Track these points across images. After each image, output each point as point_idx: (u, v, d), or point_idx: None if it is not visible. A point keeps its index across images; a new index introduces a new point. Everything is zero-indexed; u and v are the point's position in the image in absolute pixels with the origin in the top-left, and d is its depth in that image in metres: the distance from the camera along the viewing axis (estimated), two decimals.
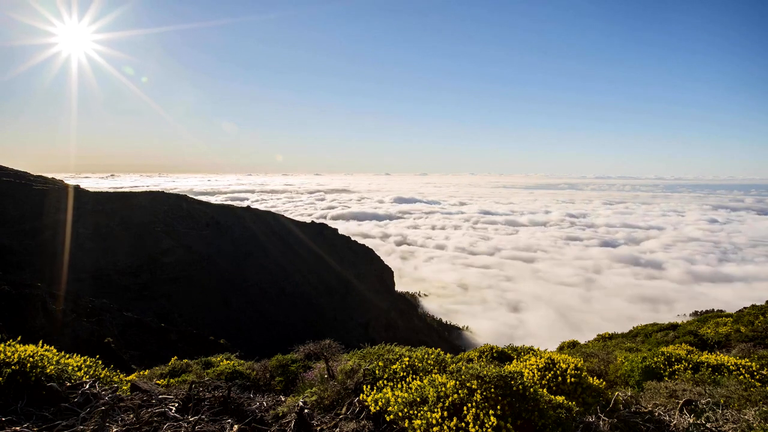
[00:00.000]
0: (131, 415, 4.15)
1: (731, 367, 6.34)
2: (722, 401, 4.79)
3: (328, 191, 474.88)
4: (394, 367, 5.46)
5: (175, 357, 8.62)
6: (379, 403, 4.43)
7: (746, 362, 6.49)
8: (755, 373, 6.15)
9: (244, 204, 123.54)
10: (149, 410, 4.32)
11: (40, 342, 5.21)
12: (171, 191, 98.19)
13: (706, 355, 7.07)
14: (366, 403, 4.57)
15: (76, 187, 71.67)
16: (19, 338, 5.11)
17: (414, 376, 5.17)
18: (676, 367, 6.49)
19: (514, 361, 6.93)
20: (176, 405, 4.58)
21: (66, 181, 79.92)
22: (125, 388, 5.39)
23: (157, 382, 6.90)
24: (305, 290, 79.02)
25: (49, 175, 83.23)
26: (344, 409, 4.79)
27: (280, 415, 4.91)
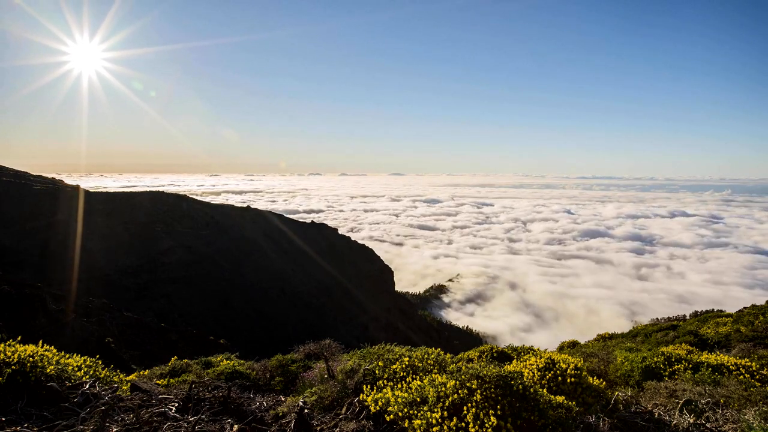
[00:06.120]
0: (131, 415, 4.15)
1: (731, 367, 6.34)
2: (722, 401, 4.79)
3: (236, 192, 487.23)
4: (394, 367, 5.46)
5: (175, 357, 8.60)
6: (379, 403, 4.42)
7: (746, 362, 6.49)
8: (755, 373, 6.15)
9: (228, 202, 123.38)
10: (149, 410, 4.32)
11: (40, 342, 5.21)
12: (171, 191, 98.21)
13: (706, 355, 7.07)
14: (366, 403, 4.56)
15: (76, 188, 71.64)
16: (19, 338, 5.10)
17: (414, 376, 5.16)
18: (676, 367, 6.48)
19: (514, 361, 6.92)
20: (176, 405, 4.58)
21: (65, 181, 79.89)
22: (125, 388, 5.39)
23: (157, 382, 6.89)
24: (305, 290, 78.98)
25: (49, 176, 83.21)
26: (344, 409, 4.79)
27: (280, 415, 4.91)
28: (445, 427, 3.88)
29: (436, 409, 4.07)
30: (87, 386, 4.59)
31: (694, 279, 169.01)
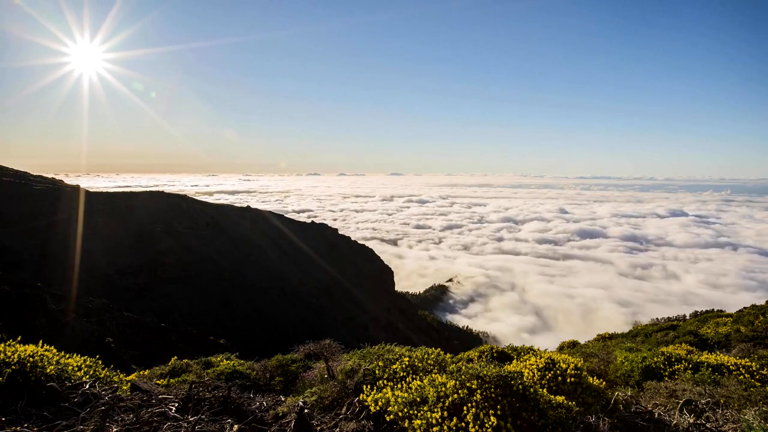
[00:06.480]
0: (131, 415, 4.15)
1: (731, 367, 6.34)
2: (722, 401, 4.79)
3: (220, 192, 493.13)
4: (394, 367, 5.45)
5: (175, 357, 8.60)
6: (379, 403, 4.42)
7: (746, 362, 6.49)
8: (755, 373, 6.15)
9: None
10: (149, 410, 4.32)
11: (40, 342, 5.21)
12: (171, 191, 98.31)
13: (706, 355, 7.07)
14: (366, 403, 4.56)
15: (76, 188, 71.62)
16: (19, 338, 5.10)
17: (414, 376, 5.16)
18: (676, 367, 6.49)
19: (514, 361, 6.92)
20: (176, 405, 4.58)
21: (66, 181, 79.85)
22: (125, 388, 5.39)
23: (157, 382, 6.89)
24: (305, 290, 78.97)
25: (49, 176, 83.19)
26: (344, 409, 4.79)
27: (280, 415, 4.91)
28: (445, 427, 3.88)
29: (436, 409, 4.07)
30: (87, 386, 4.59)
31: (693, 279, 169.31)
